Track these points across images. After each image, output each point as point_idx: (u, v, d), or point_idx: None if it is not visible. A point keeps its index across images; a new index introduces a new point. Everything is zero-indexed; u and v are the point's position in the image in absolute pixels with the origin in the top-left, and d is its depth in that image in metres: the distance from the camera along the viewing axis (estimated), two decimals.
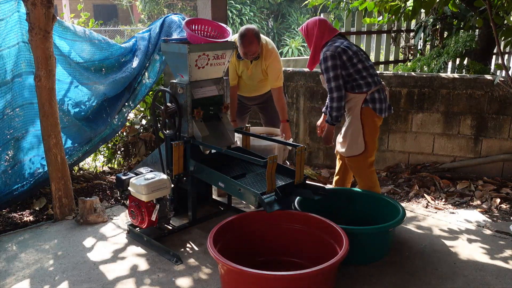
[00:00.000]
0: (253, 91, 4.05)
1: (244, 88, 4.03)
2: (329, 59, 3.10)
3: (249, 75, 3.86)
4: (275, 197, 2.63)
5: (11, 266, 2.81)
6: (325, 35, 3.23)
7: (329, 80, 3.14)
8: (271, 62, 3.79)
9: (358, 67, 3.16)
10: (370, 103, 3.17)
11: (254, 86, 3.98)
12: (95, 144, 4.09)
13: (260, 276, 2.16)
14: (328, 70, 3.12)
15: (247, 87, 4.01)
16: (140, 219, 3.03)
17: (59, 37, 3.53)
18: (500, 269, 2.76)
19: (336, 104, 3.15)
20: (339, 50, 3.12)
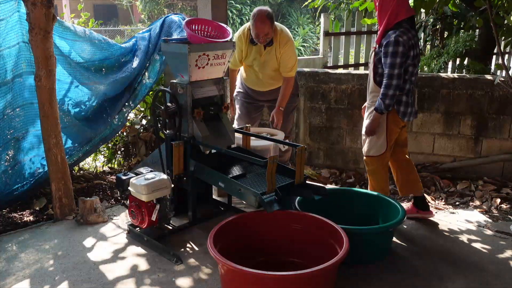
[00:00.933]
0: (265, 84, 3.92)
1: (256, 81, 3.92)
2: (401, 45, 2.92)
3: (262, 62, 3.74)
4: (275, 197, 2.63)
5: (11, 266, 2.81)
6: (401, 13, 2.99)
7: (393, 66, 2.95)
8: (286, 50, 3.69)
9: (409, 69, 3.05)
10: (396, 105, 3.09)
11: (266, 77, 3.86)
12: (95, 144, 4.09)
13: (260, 276, 2.16)
14: (395, 55, 2.94)
15: (259, 80, 3.90)
16: (140, 219, 3.03)
17: (60, 37, 3.53)
18: (500, 269, 2.76)
19: (393, 92, 2.98)
20: (411, 42, 2.98)
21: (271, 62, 3.74)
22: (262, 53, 3.72)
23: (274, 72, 3.82)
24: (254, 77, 3.89)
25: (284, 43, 3.68)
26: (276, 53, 3.70)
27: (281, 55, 3.70)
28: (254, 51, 3.73)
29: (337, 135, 4.68)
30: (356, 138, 4.62)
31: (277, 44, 3.69)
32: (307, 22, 17.77)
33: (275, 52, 3.70)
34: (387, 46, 2.97)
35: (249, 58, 3.81)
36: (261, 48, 3.71)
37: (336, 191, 3.40)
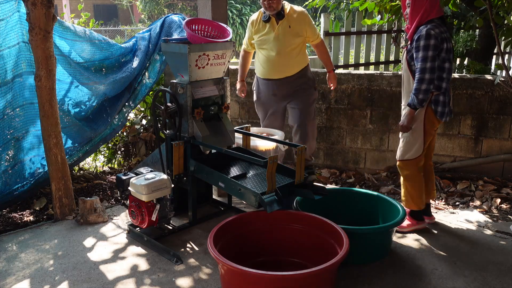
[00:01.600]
0: (279, 68, 3.84)
1: (269, 67, 3.86)
2: (433, 38, 2.84)
3: (276, 36, 3.74)
4: (275, 197, 2.63)
5: (11, 266, 2.81)
6: (433, 12, 2.92)
7: (425, 59, 2.86)
8: (303, 19, 3.78)
9: (445, 65, 2.95)
10: (433, 104, 2.99)
11: (280, 58, 3.79)
12: (95, 144, 4.09)
13: (260, 276, 2.16)
14: (427, 48, 2.85)
15: (272, 64, 3.84)
16: (140, 219, 3.03)
17: (60, 37, 3.53)
18: (500, 269, 2.76)
19: (426, 86, 2.87)
20: (444, 36, 2.90)
21: (285, 36, 3.75)
22: (275, 28, 3.75)
23: (288, 49, 3.79)
24: (267, 63, 3.85)
25: (295, 12, 3.76)
26: (290, 24, 3.74)
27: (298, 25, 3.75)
28: (268, 28, 3.78)
29: (337, 135, 4.67)
30: (356, 138, 4.62)
31: (288, 16, 3.75)
32: None
33: (288, 24, 3.74)
34: (418, 40, 2.89)
35: (262, 36, 3.81)
36: (273, 24, 3.76)
37: (336, 191, 3.40)
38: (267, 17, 3.76)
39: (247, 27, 4.00)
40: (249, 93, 4.92)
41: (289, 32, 3.76)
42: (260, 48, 3.90)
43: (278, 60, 3.82)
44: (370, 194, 3.31)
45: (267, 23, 3.78)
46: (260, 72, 3.98)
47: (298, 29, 3.79)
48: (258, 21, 3.86)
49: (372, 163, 4.64)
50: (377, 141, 4.60)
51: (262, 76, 3.97)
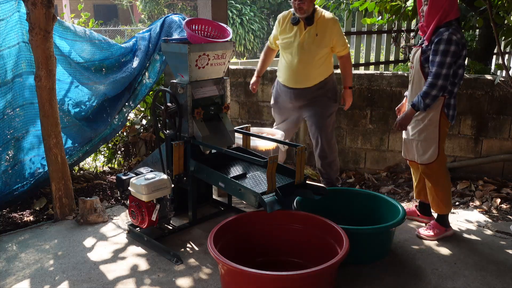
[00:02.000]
0: (303, 78, 3.59)
1: (289, 72, 3.62)
2: (453, 44, 2.77)
3: (300, 42, 3.49)
4: (275, 197, 2.63)
5: (11, 266, 2.81)
6: (452, 13, 2.84)
7: (442, 65, 2.78)
8: (332, 28, 3.51)
9: (459, 72, 2.89)
10: (446, 108, 2.95)
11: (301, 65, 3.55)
12: (95, 144, 4.09)
13: (260, 276, 2.16)
14: (447, 54, 2.77)
15: (292, 70, 3.59)
16: (141, 219, 3.03)
17: (60, 37, 3.53)
18: (500, 269, 2.76)
19: (436, 92, 2.82)
20: (463, 41, 2.83)
21: (310, 45, 3.50)
22: (302, 33, 3.51)
23: (315, 58, 3.54)
24: (288, 69, 3.62)
25: (325, 20, 3.49)
26: (318, 32, 3.48)
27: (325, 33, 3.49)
28: (294, 32, 3.54)
29: (337, 135, 4.67)
30: (356, 138, 4.62)
31: (318, 24, 3.49)
32: None
33: (316, 32, 3.48)
34: (438, 44, 2.80)
35: (286, 38, 3.58)
36: (301, 28, 3.52)
37: (336, 191, 3.40)
38: (296, 20, 3.51)
39: (275, 24, 3.74)
40: (250, 92, 4.92)
41: (315, 41, 3.50)
42: (284, 51, 3.67)
43: (300, 69, 3.58)
44: (370, 194, 3.31)
45: (295, 25, 3.53)
46: (280, 76, 3.76)
47: (326, 39, 3.53)
48: (286, 21, 3.60)
49: (372, 163, 4.65)
50: (377, 141, 4.60)
51: (282, 82, 3.74)
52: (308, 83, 3.61)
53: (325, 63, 3.61)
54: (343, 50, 3.64)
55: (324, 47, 3.54)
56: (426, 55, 2.91)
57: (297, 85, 3.63)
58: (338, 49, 3.62)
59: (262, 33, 17.27)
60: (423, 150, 3.05)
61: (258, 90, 4.87)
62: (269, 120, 4.89)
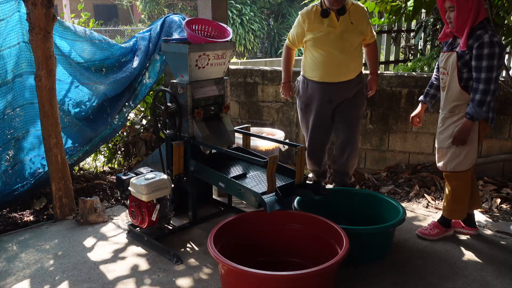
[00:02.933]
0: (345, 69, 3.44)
1: (331, 68, 3.41)
2: (497, 46, 2.65)
3: (339, 34, 3.34)
4: (275, 197, 2.63)
5: (12, 266, 2.81)
6: (482, 12, 2.72)
7: (491, 69, 2.66)
8: (364, 15, 3.45)
9: (499, 72, 2.77)
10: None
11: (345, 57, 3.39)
12: (95, 144, 4.09)
13: (260, 276, 2.16)
14: (492, 57, 2.65)
15: (336, 65, 3.40)
16: (141, 219, 3.03)
17: (60, 37, 3.53)
18: (500, 269, 2.76)
19: (490, 98, 2.68)
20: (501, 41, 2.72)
21: (349, 33, 3.37)
22: (336, 24, 3.34)
23: (353, 48, 3.42)
24: (327, 63, 3.40)
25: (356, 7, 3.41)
26: (352, 20, 3.36)
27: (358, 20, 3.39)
28: (327, 25, 3.34)
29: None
30: None
31: (350, 12, 3.38)
32: None
33: (350, 20, 3.36)
34: (480, 48, 2.67)
35: (320, 33, 3.38)
36: (333, 19, 3.35)
37: (336, 191, 3.40)
38: (326, 12, 3.33)
39: (296, 23, 3.52)
40: (250, 92, 4.93)
41: (352, 29, 3.39)
42: (316, 47, 3.43)
43: (342, 60, 3.40)
44: (370, 194, 3.31)
45: (325, 18, 3.35)
46: (314, 74, 3.49)
47: (361, 26, 3.43)
48: (313, 16, 3.39)
49: (372, 163, 4.64)
50: (377, 141, 4.60)
51: (319, 79, 3.47)
52: (351, 74, 3.48)
53: (360, 53, 3.54)
54: (373, 37, 3.61)
55: (360, 34, 3.45)
56: (464, 60, 2.77)
57: (341, 77, 3.45)
58: (370, 35, 3.56)
59: (262, 33, 17.26)
60: (463, 157, 2.88)
61: (258, 90, 4.88)
62: (269, 120, 4.89)
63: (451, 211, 3.08)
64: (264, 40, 17.95)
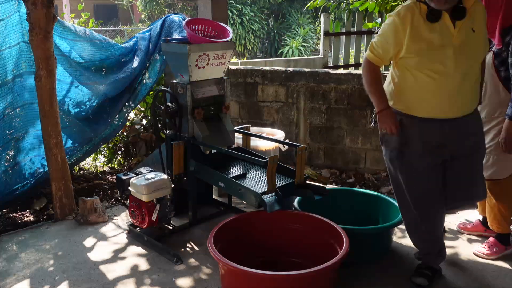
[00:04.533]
0: (464, 100, 2.34)
1: (448, 97, 2.30)
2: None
3: (457, 47, 2.23)
4: (276, 197, 2.63)
5: (12, 266, 2.81)
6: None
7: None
8: (485, 19, 2.36)
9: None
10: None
11: (467, 81, 2.30)
12: (95, 144, 4.09)
13: (260, 276, 2.16)
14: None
15: (456, 92, 2.29)
16: (141, 219, 3.03)
17: (60, 37, 3.53)
18: (500, 269, 2.76)
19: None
20: None
21: (472, 47, 2.27)
22: (453, 32, 2.23)
23: (475, 67, 2.33)
24: (437, 91, 2.29)
25: (479, 5, 2.33)
26: (474, 26, 2.27)
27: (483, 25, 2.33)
28: (438, 34, 2.23)
29: (337, 135, 4.67)
30: (356, 138, 4.61)
31: (471, 13, 2.26)
32: (307, 22, 17.78)
33: (472, 26, 2.27)
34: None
35: (427, 45, 2.25)
36: (447, 25, 2.24)
37: (336, 191, 3.40)
38: (438, 14, 2.23)
39: (388, 27, 2.32)
40: (250, 92, 4.93)
41: (475, 40, 2.28)
42: (420, 67, 2.29)
43: (462, 86, 2.29)
44: (370, 194, 3.30)
45: (434, 22, 2.24)
46: (416, 107, 2.36)
47: (484, 35, 2.36)
48: (415, 20, 2.25)
49: (372, 163, 4.64)
50: (377, 141, 4.59)
51: (423, 114, 2.35)
52: (469, 107, 2.38)
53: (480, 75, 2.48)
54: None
55: (485, 46, 2.39)
56: (501, 58, 2.61)
57: (457, 112, 2.34)
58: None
59: (262, 33, 17.27)
60: (496, 163, 2.70)
61: (258, 90, 4.88)
62: (269, 120, 4.89)
63: (501, 225, 2.83)
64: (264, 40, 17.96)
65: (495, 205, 2.80)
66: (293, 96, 4.84)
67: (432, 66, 2.26)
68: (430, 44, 2.24)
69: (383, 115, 2.46)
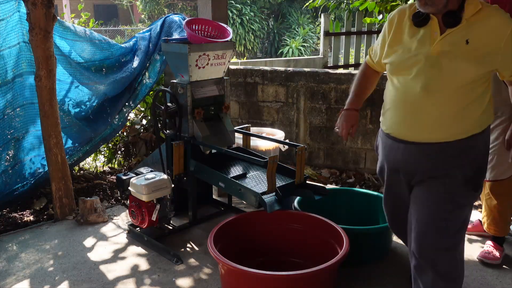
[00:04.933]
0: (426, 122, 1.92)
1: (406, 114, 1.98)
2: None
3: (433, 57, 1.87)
4: (276, 197, 2.63)
5: (12, 266, 2.81)
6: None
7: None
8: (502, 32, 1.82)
9: None
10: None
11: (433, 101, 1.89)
12: (95, 144, 4.09)
13: (260, 276, 2.16)
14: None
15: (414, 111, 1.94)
16: (141, 219, 3.03)
17: (60, 37, 3.53)
18: (500, 269, 2.76)
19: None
20: None
21: (454, 59, 1.84)
22: (436, 39, 1.88)
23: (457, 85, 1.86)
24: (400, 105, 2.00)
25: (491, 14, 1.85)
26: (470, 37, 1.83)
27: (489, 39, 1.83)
28: (420, 38, 1.92)
29: (337, 135, 4.66)
30: (356, 138, 4.61)
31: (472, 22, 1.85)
32: (307, 22, 17.79)
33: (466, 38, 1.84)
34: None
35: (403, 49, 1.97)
36: (433, 30, 1.90)
37: (336, 191, 3.40)
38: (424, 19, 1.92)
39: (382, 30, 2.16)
40: (250, 92, 4.93)
41: (463, 53, 1.85)
42: (395, 73, 2.04)
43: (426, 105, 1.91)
44: (370, 194, 3.30)
45: (420, 27, 1.93)
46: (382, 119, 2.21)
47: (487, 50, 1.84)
48: (402, 23, 2.01)
49: (372, 163, 4.64)
50: None
51: (384, 128, 2.20)
52: (439, 134, 1.92)
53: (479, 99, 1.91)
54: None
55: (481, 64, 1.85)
56: None
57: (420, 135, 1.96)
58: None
59: (262, 33, 17.28)
60: (500, 163, 2.66)
61: (258, 90, 4.88)
62: (269, 120, 4.89)
63: (500, 228, 2.82)
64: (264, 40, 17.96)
65: (495, 207, 2.78)
66: (293, 96, 4.84)
67: (399, 74, 2.00)
68: (405, 50, 1.96)
69: (343, 114, 2.40)
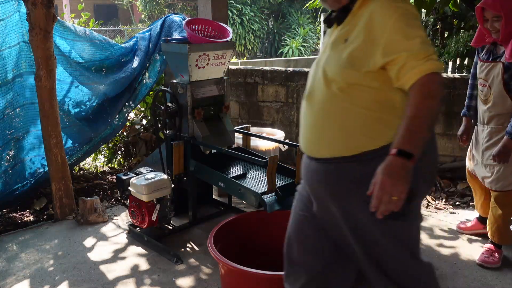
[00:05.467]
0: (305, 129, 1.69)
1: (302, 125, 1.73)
2: None
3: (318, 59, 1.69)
4: (276, 197, 2.63)
5: (12, 266, 2.81)
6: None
7: None
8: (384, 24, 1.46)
9: None
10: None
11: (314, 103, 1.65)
12: (95, 144, 4.09)
13: (260, 276, 2.16)
14: None
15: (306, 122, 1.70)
16: (141, 219, 3.03)
17: (60, 37, 3.53)
18: (500, 270, 2.75)
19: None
20: None
21: (329, 61, 1.60)
22: (326, 41, 1.69)
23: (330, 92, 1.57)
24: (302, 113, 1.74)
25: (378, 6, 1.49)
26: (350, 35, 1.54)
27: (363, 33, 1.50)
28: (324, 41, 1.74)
29: None
30: None
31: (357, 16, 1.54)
32: (307, 22, 17.78)
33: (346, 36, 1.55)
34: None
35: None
36: (333, 31, 1.65)
37: None
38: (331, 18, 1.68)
39: None
40: (250, 92, 4.93)
41: (338, 54, 1.56)
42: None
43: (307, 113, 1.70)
44: None
45: (330, 28, 1.69)
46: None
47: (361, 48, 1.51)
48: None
49: None
50: None
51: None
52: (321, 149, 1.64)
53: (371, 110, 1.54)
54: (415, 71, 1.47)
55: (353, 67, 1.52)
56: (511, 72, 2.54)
57: (307, 148, 1.71)
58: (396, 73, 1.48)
59: (262, 33, 17.26)
60: (504, 175, 2.66)
61: (258, 90, 4.88)
62: (269, 120, 4.90)
63: (502, 236, 2.81)
64: (264, 40, 17.94)
65: (500, 216, 2.75)
66: (293, 96, 4.84)
67: None
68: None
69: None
